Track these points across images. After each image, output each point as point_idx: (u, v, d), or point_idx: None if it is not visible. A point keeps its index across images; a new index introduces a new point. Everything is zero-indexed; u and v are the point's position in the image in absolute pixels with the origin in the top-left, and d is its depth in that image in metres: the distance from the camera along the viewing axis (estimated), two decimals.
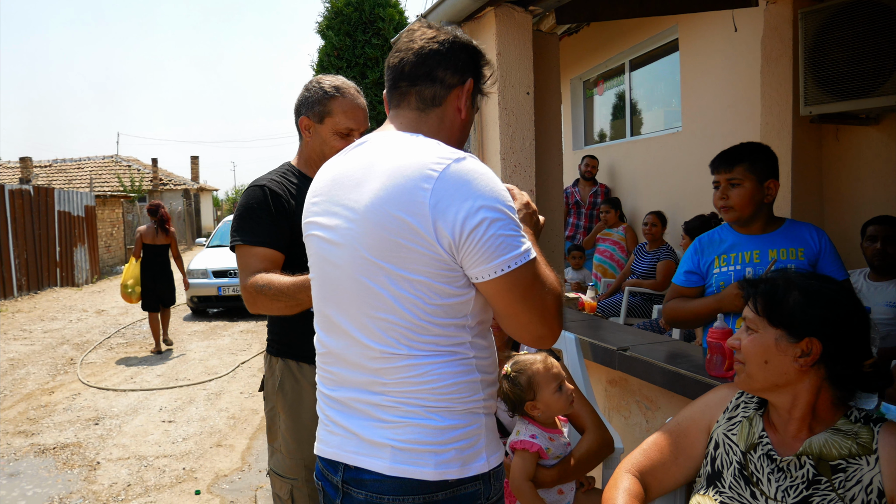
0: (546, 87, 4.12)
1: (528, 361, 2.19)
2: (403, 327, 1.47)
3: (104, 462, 5.13)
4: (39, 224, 15.04)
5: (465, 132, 1.70)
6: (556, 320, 1.49)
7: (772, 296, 1.61)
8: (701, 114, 6.24)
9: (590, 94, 9.17)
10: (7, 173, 25.77)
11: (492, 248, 1.39)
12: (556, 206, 4.20)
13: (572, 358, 2.89)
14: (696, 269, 2.78)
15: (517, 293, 1.43)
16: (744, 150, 2.67)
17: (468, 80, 1.62)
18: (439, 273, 1.43)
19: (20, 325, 11.15)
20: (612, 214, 7.17)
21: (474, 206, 1.39)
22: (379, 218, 1.45)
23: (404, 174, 1.44)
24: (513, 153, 3.78)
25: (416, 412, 1.48)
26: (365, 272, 1.49)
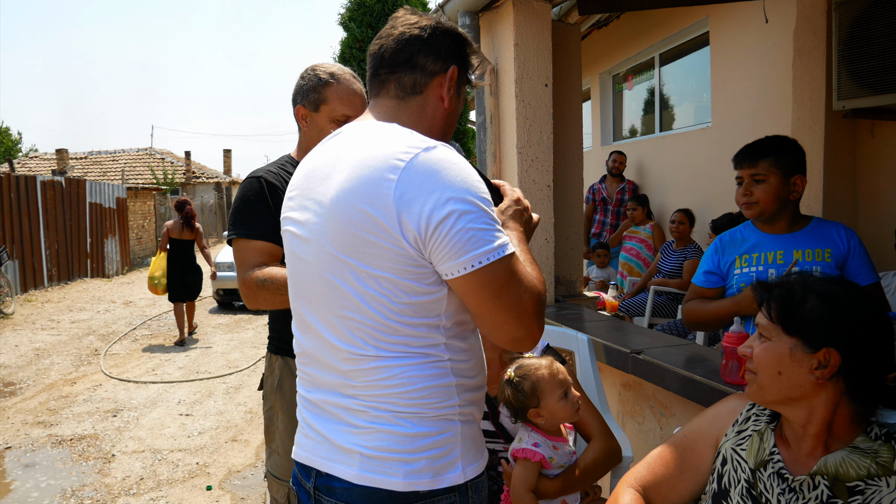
0: (566, 80, 3.99)
1: (533, 366, 2.08)
2: (371, 327, 1.39)
3: (119, 455, 5.13)
4: (71, 215, 15.25)
5: (450, 123, 1.61)
6: (534, 321, 1.39)
7: (787, 301, 1.48)
8: (731, 109, 6.05)
9: (619, 88, 8.99)
10: (44, 165, 26.24)
11: (461, 242, 1.30)
12: (575, 202, 4.07)
13: (584, 360, 2.77)
14: (716, 269, 2.64)
15: (490, 291, 1.34)
16: (769, 143, 2.52)
17: (451, 68, 1.54)
18: (406, 269, 1.35)
19: (49, 315, 11.30)
20: (639, 212, 7.01)
21: (442, 197, 1.30)
22: (344, 211, 1.38)
23: (370, 165, 1.37)
24: (530, 147, 3.66)
25: (384, 417, 1.40)
26: (331, 269, 1.42)
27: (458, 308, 1.42)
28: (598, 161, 8.72)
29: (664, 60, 7.70)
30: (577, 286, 4.07)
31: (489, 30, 3.90)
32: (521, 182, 3.65)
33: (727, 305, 2.48)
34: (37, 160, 27.63)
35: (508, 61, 3.65)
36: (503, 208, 1.61)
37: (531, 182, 3.67)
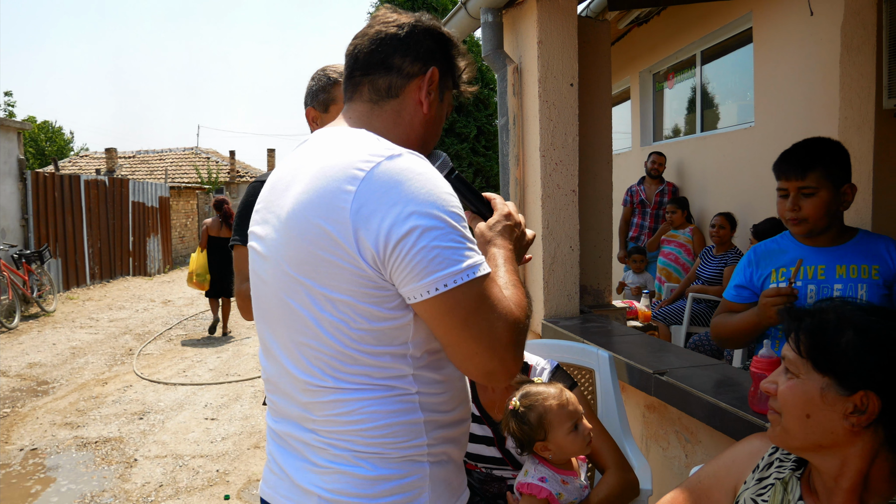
0: (595, 80, 3.79)
1: (541, 395, 1.90)
2: (328, 355, 1.25)
3: (141, 459, 5.09)
4: (114, 214, 15.50)
5: (431, 130, 1.45)
6: (508, 352, 1.22)
7: (819, 334, 1.28)
8: (775, 108, 5.75)
9: (659, 87, 8.71)
10: (93, 163, 26.82)
11: (423, 262, 1.16)
12: (603, 207, 3.87)
13: (605, 379, 2.59)
14: (748, 283, 2.42)
15: (457, 317, 1.19)
16: (816, 151, 2.27)
17: (431, 70, 1.39)
18: (364, 292, 1.21)
19: (88, 314, 11.47)
20: (678, 215, 6.74)
21: (403, 211, 1.17)
22: (299, 227, 1.24)
23: (327, 175, 1.23)
24: (553, 150, 3.47)
25: (343, 457, 1.26)
26: (287, 290, 1.28)
27: (428, 335, 1.27)
28: (637, 162, 8.46)
29: (706, 58, 7.41)
30: (605, 296, 3.87)
31: (512, 27, 3.73)
32: (545, 187, 3.47)
33: (748, 317, 2.27)
34: (87, 159, 28.28)
35: (532, 60, 3.47)
36: (491, 223, 1.47)
37: (555, 187, 3.48)
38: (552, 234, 3.49)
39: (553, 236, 3.49)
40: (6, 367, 7.83)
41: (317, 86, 2.31)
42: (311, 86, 2.34)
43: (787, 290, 2.15)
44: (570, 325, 3.35)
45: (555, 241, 3.49)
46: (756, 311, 2.23)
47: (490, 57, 3.62)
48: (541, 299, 3.53)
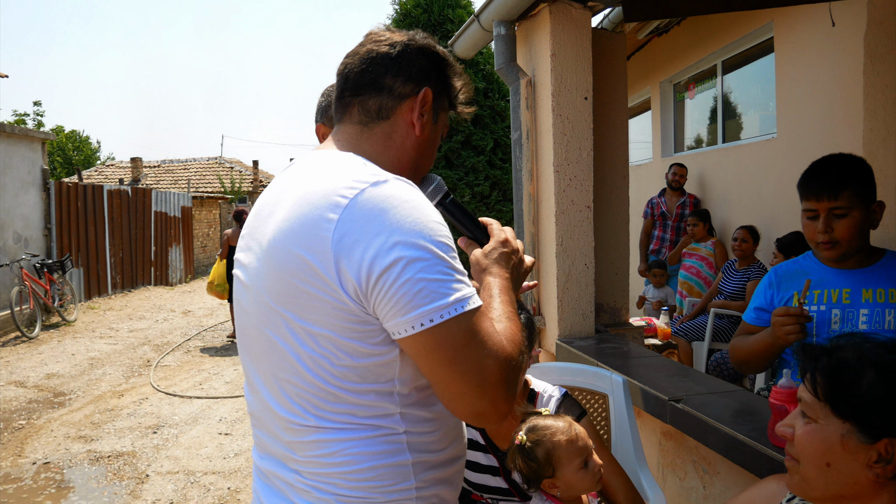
0: (610, 92, 3.70)
1: (549, 430, 1.80)
2: (310, 393, 1.19)
3: (153, 475, 5.05)
4: (136, 224, 15.62)
5: (424, 153, 1.38)
6: (499, 391, 1.14)
7: (837, 375, 1.18)
8: (798, 119, 5.62)
9: (680, 97, 8.58)
10: (119, 173, 27.14)
11: (408, 295, 1.10)
12: (619, 223, 3.77)
13: (619, 405, 2.49)
14: (769, 305, 2.30)
15: (444, 355, 1.12)
16: (845, 169, 2.14)
17: (423, 90, 1.33)
18: (346, 326, 1.14)
19: (109, 324, 11.53)
20: (700, 227, 6.61)
21: (387, 242, 1.10)
22: (279, 256, 1.18)
23: (309, 202, 1.17)
24: (567, 165, 3.39)
25: (326, 500, 1.20)
26: (268, 322, 1.22)
27: (417, 371, 1.20)
28: (658, 174, 8.33)
29: (727, 68, 7.29)
30: (622, 314, 3.77)
31: (526, 40, 3.65)
32: (559, 203, 3.38)
33: (764, 339, 2.15)
34: (113, 168, 28.62)
35: (545, 73, 3.39)
36: (487, 250, 1.39)
37: (569, 203, 3.39)
38: (566, 251, 3.40)
39: (567, 253, 3.40)
40: (24, 377, 7.87)
41: (326, 102, 2.27)
42: (320, 102, 2.30)
43: (797, 311, 2.04)
44: (584, 345, 3.25)
45: (569, 258, 3.40)
46: (770, 332, 2.13)
47: (503, 70, 3.55)
48: (555, 318, 3.44)
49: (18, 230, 10.97)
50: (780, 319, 2.06)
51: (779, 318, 2.06)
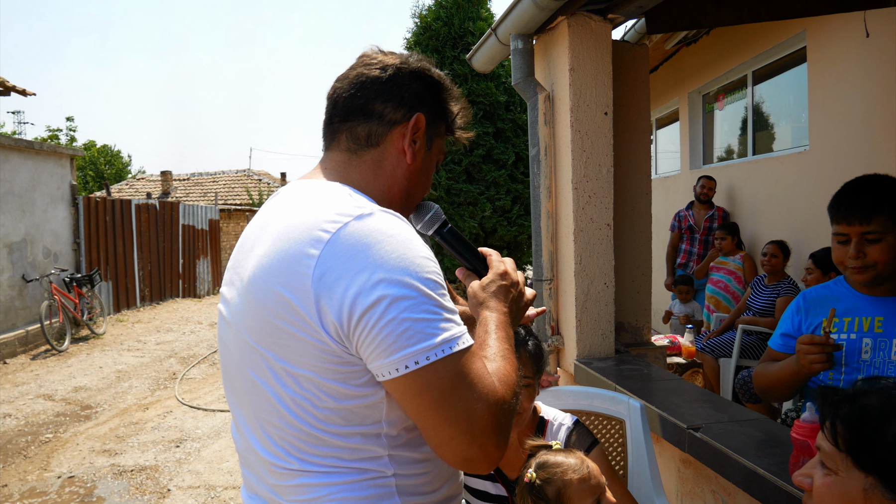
0: (632, 107, 3.62)
1: (560, 468, 1.72)
2: (293, 435, 1.14)
3: (175, 490, 5.05)
4: (164, 237, 15.80)
5: (417, 181, 1.32)
6: (489, 437, 1.08)
7: (860, 425, 1.09)
8: (831, 131, 5.46)
9: (709, 108, 8.44)
10: (149, 186, 27.55)
11: (392, 336, 1.04)
12: (642, 241, 3.67)
13: (636, 431, 2.40)
14: (796, 332, 2.20)
15: (430, 398, 1.06)
16: (878, 191, 2.03)
17: (416, 116, 1.27)
18: (328, 368, 1.09)
19: (137, 336, 11.64)
20: (728, 241, 6.47)
21: (371, 279, 1.05)
22: (259, 293, 1.13)
23: (291, 237, 1.12)
24: (587, 182, 3.31)
25: None
26: (249, 361, 1.17)
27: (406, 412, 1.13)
28: (686, 186, 8.20)
29: (758, 78, 7.14)
30: (643, 333, 3.67)
31: (544, 54, 3.59)
32: (578, 220, 3.30)
33: (788, 366, 2.05)
34: (143, 181, 29.06)
35: (563, 88, 3.32)
36: (485, 283, 1.33)
37: (588, 221, 3.31)
38: (585, 270, 3.32)
39: (586, 272, 3.32)
40: (53, 390, 7.96)
41: None
42: None
43: (823, 339, 1.94)
44: (603, 366, 3.16)
45: (588, 277, 3.32)
46: (795, 359, 2.03)
47: (520, 85, 3.48)
48: (574, 338, 3.35)
49: (48, 245, 11.15)
50: (804, 348, 1.96)
51: (804, 346, 1.97)
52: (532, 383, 1.97)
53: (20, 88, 9.36)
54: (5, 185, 9.94)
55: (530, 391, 1.98)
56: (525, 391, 1.95)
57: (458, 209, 6.04)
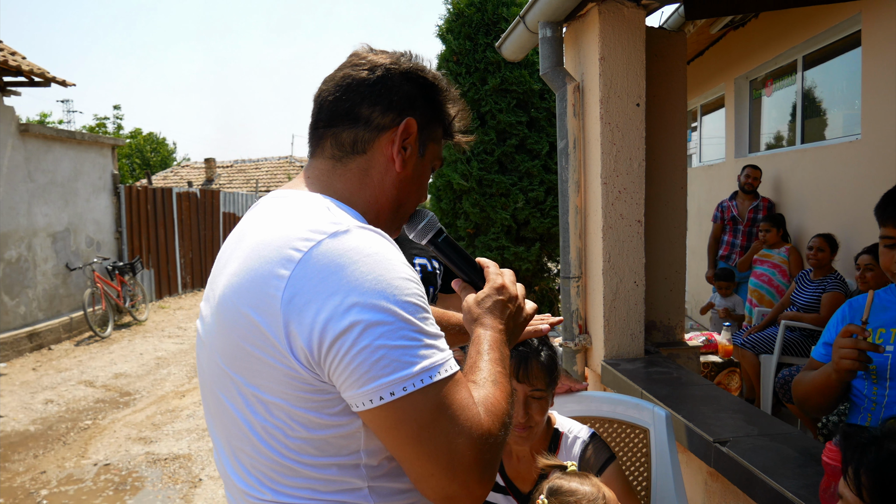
0: (667, 97, 3.45)
1: (573, 497, 1.59)
2: (264, 465, 1.06)
3: (206, 479, 5.08)
4: (205, 225, 16.01)
5: (407, 190, 1.23)
6: (472, 474, 0.99)
7: (885, 475, 0.97)
8: (885, 120, 5.18)
9: (756, 94, 8.14)
10: (193, 173, 27.98)
11: (365, 365, 0.96)
12: (675, 237, 3.52)
13: (661, 441, 2.28)
14: None
15: (407, 431, 0.98)
16: None
17: (405, 121, 1.17)
18: (299, 396, 1.01)
19: (177, 323, 11.83)
20: (773, 233, 6.23)
21: (343, 303, 0.96)
22: (228, 314, 1.06)
23: (261, 255, 1.04)
24: (617, 177, 3.17)
25: None
26: (220, 384, 1.10)
27: None
28: (730, 175, 7.93)
29: (808, 63, 6.83)
30: (676, 332, 3.53)
31: (574, 42, 3.45)
32: (606, 216, 3.17)
33: (824, 371, 1.90)
34: (188, 168, 29.53)
35: (593, 78, 3.18)
36: (480, 298, 1.24)
37: (618, 217, 3.18)
38: (614, 268, 3.18)
39: (615, 270, 3.19)
40: (94, 376, 8.11)
41: None
42: None
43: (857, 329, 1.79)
44: (631, 368, 3.04)
45: (617, 275, 3.19)
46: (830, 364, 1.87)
47: (548, 75, 3.35)
48: (601, 338, 3.23)
49: (91, 234, 11.37)
50: (840, 341, 1.82)
51: (839, 339, 1.82)
52: (545, 395, 1.87)
53: (60, 79, 9.51)
54: (48, 176, 10.14)
55: (542, 403, 1.88)
56: (537, 403, 1.85)
57: (489, 200, 5.93)
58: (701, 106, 9.70)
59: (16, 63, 8.72)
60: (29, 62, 9.27)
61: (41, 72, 9.09)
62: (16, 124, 9.49)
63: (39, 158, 10.01)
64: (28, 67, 8.94)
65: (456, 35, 5.86)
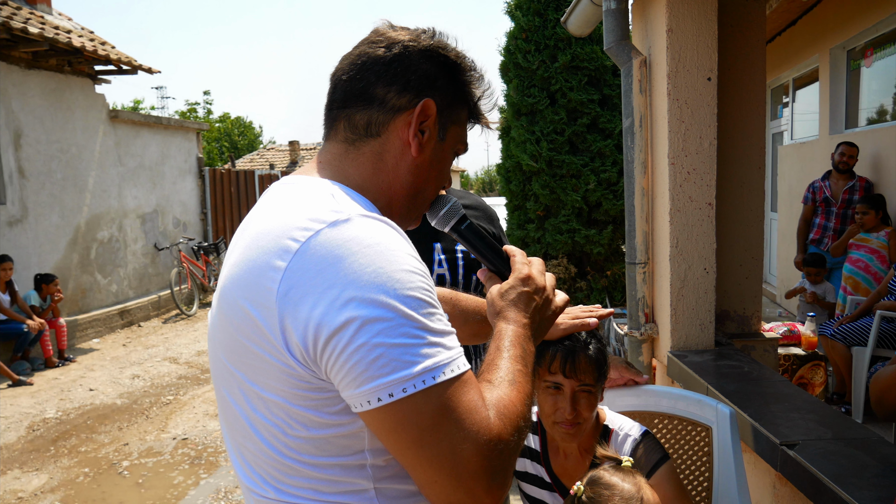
0: (743, 70, 3.22)
1: (609, 490, 1.53)
2: (267, 463, 1.02)
3: None
4: None
5: (426, 177, 1.16)
6: (479, 482, 0.92)
7: None
8: None
9: (854, 65, 7.60)
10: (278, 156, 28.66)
11: (362, 364, 0.90)
12: (752, 220, 3.29)
13: (724, 441, 2.13)
14: None
15: (409, 436, 0.91)
16: None
17: (423, 102, 1.10)
18: (297, 394, 0.96)
19: None
20: (871, 216, 5.80)
21: (340, 297, 0.90)
22: (228, 307, 1.02)
23: (259, 245, 0.99)
24: (685, 156, 2.98)
25: None
26: (224, 380, 1.07)
27: None
28: (823, 153, 7.46)
29: None
30: (752, 322, 3.31)
31: (641, 14, 3.25)
32: (674, 199, 2.99)
33: None
34: (273, 151, 30.28)
35: (661, 51, 2.99)
36: (503, 290, 1.17)
37: (686, 199, 2.99)
38: (682, 253, 3.00)
39: (683, 256, 3.00)
40: (178, 353, 8.43)
41: None
42: None
43: None
44: (698, 361, 2.86)
45: (685, 262, 3.01)
46: None
47: (613, 50, 3.17)
48: (668, 328, 3.06)
49: (177, 215, 11.81)
50: None
51: None
52: (593, 390, 1.76)
53: (146, 66, 9.85)
54: (137, 160, 10.57)
55: (591, 399, 1.77)
56: (585, 399, 1.75)
57: (560, 182, 5.76)
58: (793, 80, 9.16)
59: (105, 52, 9.07)
60: (118, 51, 9.64)
61: (128, 60, 9.43)
62: (106, 111, 9.91)
63: (129, 143, 10.43)
64: (116, 56, 9.29)
65: (525, 11, 5.68)
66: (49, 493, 4.58)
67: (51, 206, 8.91)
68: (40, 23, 8.40)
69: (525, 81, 5.73)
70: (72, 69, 9.17)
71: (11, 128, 8.28)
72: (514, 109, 5.85)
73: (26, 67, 8.49)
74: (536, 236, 6.00)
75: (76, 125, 9.32)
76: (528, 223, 6.07)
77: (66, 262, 9.13)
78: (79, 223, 9.39)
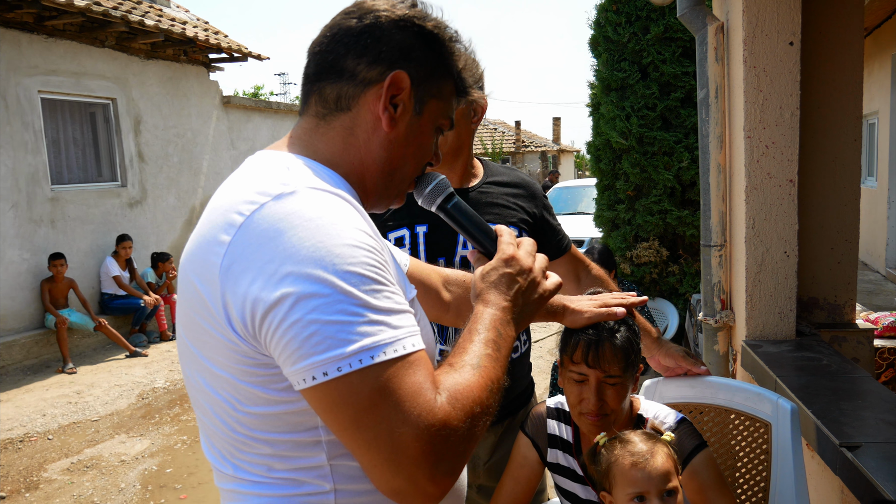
0: (834, 32, 2.91)
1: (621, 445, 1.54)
2: (223, 439, 1.03)
3: None
4: None
5: (401, 153, 1.12)
6: (420, 468, 0.87)
7: None
8: None
9: None
10: None
11: (296, 341, 0.88)
12: (846, 199, 2.99)
13: (784, 439, 1.96)
14: None
15: (345, 416, 0.89)
16: None
17: (392, 75, 1.06)
18: (242, 370, 0.95)
19: None
20: None
21: (277, 273, 0.89)
22: (182, 282, 1.04)
23: (210, 220, 1.00)
24: (763, 129, 2.74)
25: None
26: (185, 358, 1.08)
27: None
28: None
29: None
30: (844, 311, 3.02)
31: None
32: (750, 176, 2.76)
33: None
34: None
35: (737, 15, 2.75)
36: (485, 271, 1.13)
37: (765, 176, 2.75)
38: (759, 235, 2.77)
39: (760, 238, 2.77)
40: None
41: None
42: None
43: None
44: (773, 352, 2.64)
45: (763, 244, 2.78)
46: None
47: (686, 16, 2.95)
48: (743, 315, 2.84)
49: None
50: None
51: None
52: (620, 381, 1.66)
53: (255, 53, 10.21)
54: (248, 143, 11.01)
55: (619, 389, 1.67)
56: (612, 390, 1.66)
57: (651, 160, 5.48)
58: None
59: (216, 41, 9.48)
60: (229, 40, 10.04)
61: (238, 48, 9.81)
62: (219, 97, 10.37)
63: (240, 128, 10.89)
64: (227, 45, 9.69)
65: None
66: (148, 458, 4.87)
67: (168, 188, 9.45)
68: (157, 15, 8.88)
69: (615, 55, 5.49)
70: (187, 58, 9.65)
71: (132, 115, 8.83)
72: (604, 84, 5.63)
73: (145, 58, 9.01)
74: (626, 217, 5.76)
75: (191, 111, 9.81)
76: (619, 203, 5.83)
77: (181, 241, 9.67)
78: (194, 204, 9.91)
